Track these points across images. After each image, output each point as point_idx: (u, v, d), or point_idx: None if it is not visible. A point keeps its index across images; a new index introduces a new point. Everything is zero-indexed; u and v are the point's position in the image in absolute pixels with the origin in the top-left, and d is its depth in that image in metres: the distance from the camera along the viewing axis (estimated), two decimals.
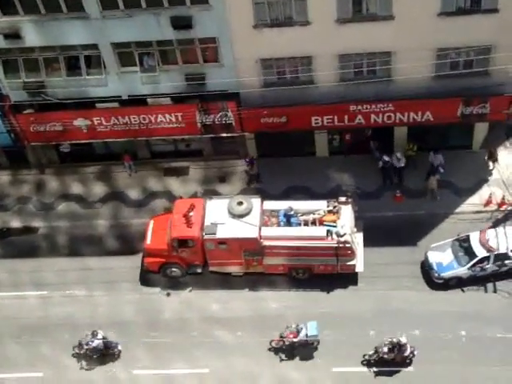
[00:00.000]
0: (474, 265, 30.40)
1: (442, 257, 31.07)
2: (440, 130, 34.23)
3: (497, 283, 30.83)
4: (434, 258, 31.18)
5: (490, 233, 31.02)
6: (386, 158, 33.53)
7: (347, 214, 30.99)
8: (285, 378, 29.03)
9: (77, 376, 29.77)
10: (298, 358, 29.55)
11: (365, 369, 28.84)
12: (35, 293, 32.63)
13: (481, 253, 30.36)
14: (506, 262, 30.41)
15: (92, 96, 32.53)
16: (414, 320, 30.00)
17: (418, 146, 34.36)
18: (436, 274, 30.87)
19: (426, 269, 31.46)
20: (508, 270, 30.73)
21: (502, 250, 30.29)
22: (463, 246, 31.08)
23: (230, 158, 36.52)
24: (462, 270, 30.58)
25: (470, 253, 30.65)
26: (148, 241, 31.96)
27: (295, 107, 32.15)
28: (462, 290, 30.71)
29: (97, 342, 29.20)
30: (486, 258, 30.31)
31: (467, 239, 31.08)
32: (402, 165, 33.76)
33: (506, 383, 27.95)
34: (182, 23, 29.65)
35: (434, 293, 31.01)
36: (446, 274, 30.72)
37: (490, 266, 30.43)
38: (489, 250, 30.29)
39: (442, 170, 33.66)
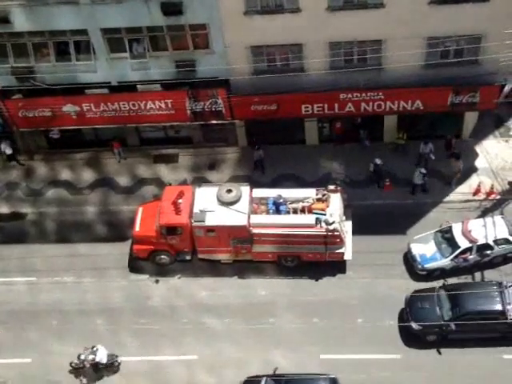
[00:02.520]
0: (456, 256, 30.47)
1: (425, 248, 31.10)
2: (430, 119, 34.30)
3: (485, 272, 30.92)
4: (417, 249, 31.21)
5: (472, 223, 31.09)
6: (378, 162, 33.31)
7: (336, 202, 31.03)
8: (273, 365, 29.08)
9: (65, 362, 29.67)
10: (286, 344, 29.64)
11: (353, 356, 28.97)
12: (23, 279, 32.57)
13: (463, 244, 30.40)
14: (488, 252, 30.51)
15: (81, 82, 32.37)
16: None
17: (407, 134, 34.39)
18: (419, 266, 30.88)
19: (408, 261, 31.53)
20: (491, 260, 30.84)
21: (484, 241, 30.38)
22: (446, 237, 31.11)
23: (219, 145, 36.48)
24: (445, 262, 30.63)
25: (452, 244, 30.69)
26: (137, 228, 31.90)
27: (285, 95, 32.11)
28: (445, 281, 30.47)
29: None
30: (469, 249, 30.38)
31: (449, 230, 31.14)
32: (422, 182, 33.24)
33: (493, 371, 28.13)
34: (172, 9, 29.50)
35: (422, 281, 31.05)
36: (430, 266, 30.75)
37: (472, 257, 30.52)
38: (471, 240, 30.35)
39: (433, 157, 33.73)
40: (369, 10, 29.46)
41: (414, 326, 28.86)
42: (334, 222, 30.07)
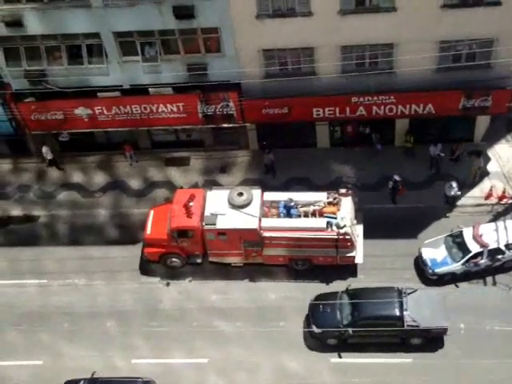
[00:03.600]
0: (467, 260, 30.33)
1: (436, 253, 30.97)
2: (441, 123, 34.21)
3: (496, 276, 30.83)
4: (428, 254, 31.08)
5: (483, 228, 30.94)
6: (397, 178, 32.86)
7: (347, 205, 30.99)
8: (283, 369, 29.10)
9: (76, 364, 29.82)
10: (296, 348, 29.61)
11: (363, 360, 28.89)
12: (35, 281, 32.68)
13: (474, 248, 30.27)
14: (499, 256, 30.37)
15: (93, 85, 32.53)
16: None
17: (415, 137, 34.33)
18: (430, 271, 30.76)
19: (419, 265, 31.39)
20: (502, 265, 30.70)
21: (496, 245, 30.25)
22: (456, 242, 30.97)
23: (230, 148, 36.51)
24: (456, 266, 30.50)
25: (463, 248, 30.56)
26: (148, 231, 31.98)
27: (297, 98, 32.12)
28: (456, 286, 30.64)
29: None
30: (480, 254, 30.24)
31: (460, 235, 31.00)
32: (452, 194, 32.90)
33: (503, 376, 27.97)
34: (184, 13, 29.59)
35: (433, 285, 30.94)
36: (441, 270, 30.63)
37: (483, 262, 30.37)
38: (482, 245, 30.21)
39: (442, 154, 33.68)
40: (381, 13, 29.43)
41: (315, 329, 29.00)
42: (345, 226, 30.03)
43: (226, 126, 34.13)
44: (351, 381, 28.42)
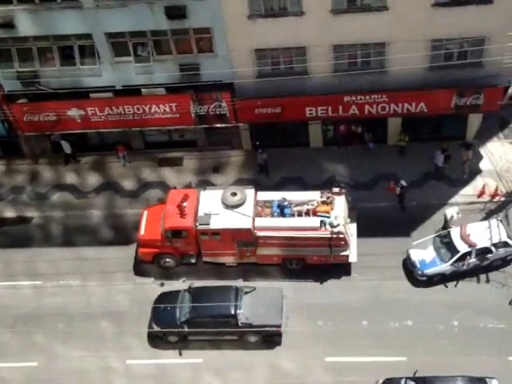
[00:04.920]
0: (456, 260, 30.36)
1: (424, 254, 30.94)
2: (434, 121, 34.29)
3: (489, 274, 30.94)
4: (417, 255, 31.03)
5: (471, 227, 30.95)
6: (404, 183, 32.77)
7: (341, 204, 31.05)
8: (278, 368, 29.13)
9: (71, 366, 29.82)
10: (291, 347, 29.65)
11: (358, 358, 28.96)
12: (29, 283, 32.62)
13: (463, 248, 30.29)
14: (488, 255, 30.43)
15: (86, 86, 32.52)
16: (406, 310, 30.18)
17: (409, 136, 34.41)
18: (419, 272, 30.71)
19: (408, 267, 31.40)
20: (490, 264, 30.77)
21: (484, 245, 30.30)
22: (445, 242, 30.96)
23: (224, 148, 36.53)
24: (445, 266, 30.50)
25: (451, 249, 30.56)
26: (142, 231, 31.97)
27: (289, 98, 32.18)
28: (446, 286, 30.80)
29: None
30: (468, 253, 30.26)
31: (448, 235, 31.02)
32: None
33: (497, 373, 28.06)
34: (176, 13, 29.61)
35: (427, 283, 31.03)
36: (430, 271, 30.59)
37: (472, 261, 30.39)
38: (470, 244, 30.24)
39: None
40: (372, 12, 29.50)
41: (155, 327, 29.53)
42: (338, 225, 30.07)
43: (218, 126, 34.14)
44: (346, 380, 28.44)
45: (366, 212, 32.41)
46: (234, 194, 31.16)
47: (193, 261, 32.32)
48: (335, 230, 30.03)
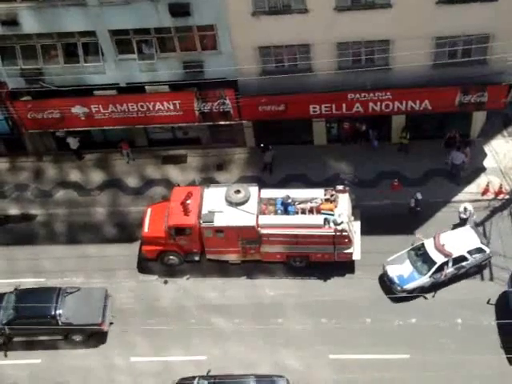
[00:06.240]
0: (434, 272, 30.04)
1: (402, 269, 30.54)
2: (438, 119, 34.24)
3: (493, 271, 30.91)
4: (394, 271, 30.61)
5: (444, 237, 30.66)
6: (420, 197, 32.48)
7: (344, 202, 31.02)
8: (282, 366, 29.14)
9: (74, 363, 29.87)
10: (295, 345, 29.66)
11: (362, 356, 28.96)
12: (33, 280, 32.54)
13: (439, 259, 30.02)
14: (464, 263, 30.29)
15: (90, 83, 32.49)
16: (410, 308, 30.19)
17: (411, 134, 34.35)
18: (399, 288, 30.30)
19: (386, 283, 31.00)
20: (467, 271, 30.65)
21: (459, 253, 30.11)
22: (420, 255, 30.65)
23: (227, 145, 36.52)
24: (424, 279, 30.17)
25: (428, 261, 30.23)
26: (146, 229, 31.97)
27: (293, 95, 32.14)
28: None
29: None
30: (445, 263, 30.02)
31: (422, 247, 30.70)
32: (465, 217, 32.42)
33: (500, 371, 28.05)
34: (180, 10, 29.56)
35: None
36: (409, 286, 30.21)
37: (450, 271, 30.19)
38: (446, 254, 30.00)
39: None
40: (376, 10, 29.43)
41: None
42: (342, 223, 30.05)
43: (222, 123, 34.11)
44: (350, 377, 28.47)
45: (369, 210, 32.40)
46: (238, 192, 31.15)
47: (196, 258, 32.33)
48: (339, 227, 30.01)
